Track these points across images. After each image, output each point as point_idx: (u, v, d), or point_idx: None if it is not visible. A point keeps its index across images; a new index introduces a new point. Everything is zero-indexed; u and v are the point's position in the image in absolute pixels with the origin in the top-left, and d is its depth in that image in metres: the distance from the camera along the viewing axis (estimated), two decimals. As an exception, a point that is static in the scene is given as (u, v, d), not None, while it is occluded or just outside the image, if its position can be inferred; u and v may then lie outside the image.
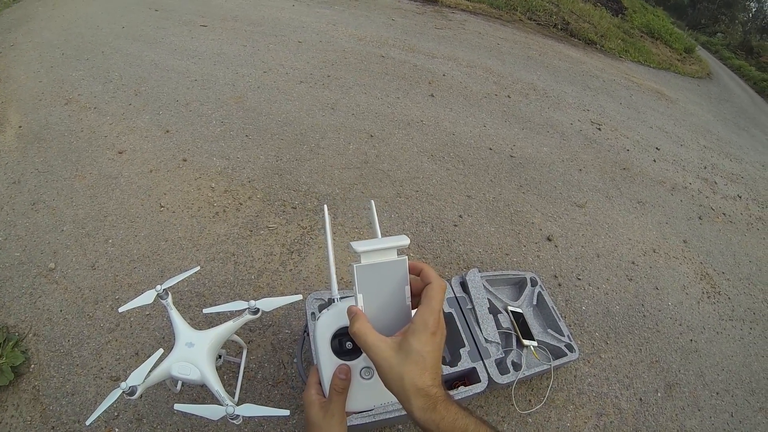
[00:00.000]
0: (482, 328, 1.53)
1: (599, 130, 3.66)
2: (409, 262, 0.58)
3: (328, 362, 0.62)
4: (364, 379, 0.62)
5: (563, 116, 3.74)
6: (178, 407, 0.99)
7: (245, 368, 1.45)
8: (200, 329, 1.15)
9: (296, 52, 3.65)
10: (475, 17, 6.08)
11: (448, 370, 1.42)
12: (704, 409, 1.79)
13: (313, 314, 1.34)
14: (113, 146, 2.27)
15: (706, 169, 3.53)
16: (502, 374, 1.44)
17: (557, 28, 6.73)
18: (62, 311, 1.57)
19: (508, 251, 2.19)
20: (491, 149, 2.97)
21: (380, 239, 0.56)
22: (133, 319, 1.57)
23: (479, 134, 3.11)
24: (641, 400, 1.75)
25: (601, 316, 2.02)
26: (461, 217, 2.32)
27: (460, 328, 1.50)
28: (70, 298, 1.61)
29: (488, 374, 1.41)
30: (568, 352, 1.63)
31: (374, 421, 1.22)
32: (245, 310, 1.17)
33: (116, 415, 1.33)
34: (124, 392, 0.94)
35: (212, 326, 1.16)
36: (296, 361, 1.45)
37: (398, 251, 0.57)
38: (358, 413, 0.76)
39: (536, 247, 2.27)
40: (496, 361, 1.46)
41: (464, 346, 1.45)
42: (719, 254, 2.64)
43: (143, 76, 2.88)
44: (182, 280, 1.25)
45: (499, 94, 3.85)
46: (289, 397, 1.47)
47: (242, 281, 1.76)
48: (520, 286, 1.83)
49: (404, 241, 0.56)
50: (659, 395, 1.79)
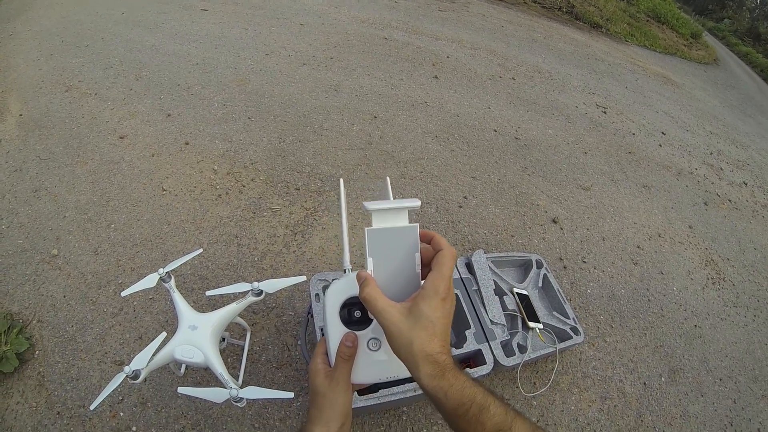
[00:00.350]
0: (488, 309, 1.50)
1: (605, 113, 3.61)
2: (420, 230, 0.57)
3: (336, 331, 0.61)
4: (371, 350, 0.61)
5: (568, 99, 3.69)
6: (181, 390, 0.98)
7: (249, 351, 1.44)
8: (203, 312, 1.12)
9: (298, 34, 3.58)
10: (478, -1, 5.98)
11: (453, 351, 1.39)
12: (707, 395, 1.77)
13: (317, 295, 1.32)
14: (114, 131, 2.24)
15: (712, 155, 3.49)
16: (507, 356, 1.42)
17: (562, 11, 6.61)
18: (66, 297, 1.55)
19: (513, 233, 2.16)
20: (496, 131, 2.93)
21: (392, 200, 0.56)
22: (136, 303, 1.55)
23: (484, 116, 3.07)
24: (645, 384, 1.74)
25: (606, 299, 2.00)
26: (466, 198, 2.29)
27: (465, 309, 1.47)
28: (73, 283, 1.59)
29: (494, 356, 1.39)
30: (573, 335, 1.60)
31: (379, 403, 1.20)
32: (248, 292, 1.16)
33: (121, 399, 1.32)
34: (127, 376, 0.94)
35: (215, 309, 1.14)
36: (300, 343, 1.42)
37: (410, 218, 0.57)
38: (363, 387, 0.74)
39: (541, 229, 2.24)
40: (501, 343, 1.44)
41: (470, 327, 1.43)
42: (724, 240, 2.61)
43: (144, 61, 2.83)
44: (185, 263, 1.23)
45: (503, 76, 3.80)
46: (293, 379, 1.45)
47: (245, 263, 1.74)
48: (525, 268, 1.80)
49: (415, 202, 0.56)
50: (663, 380, 1.77)
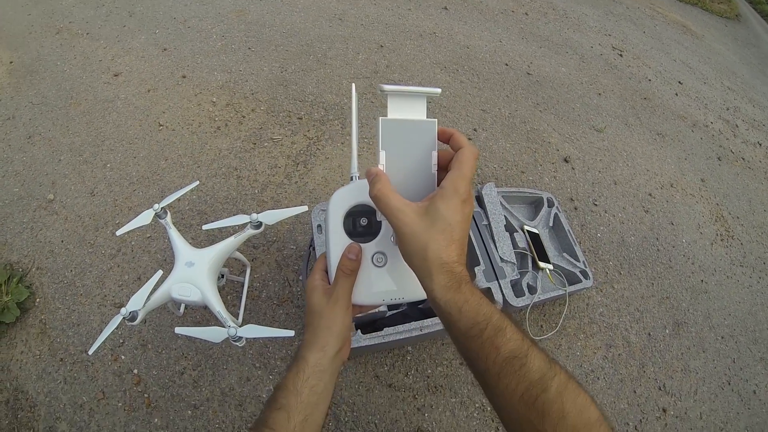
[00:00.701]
0: (498, 246, 1.36)
1: (621, 56, 3.38)
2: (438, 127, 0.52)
3: (338, 242, 0.56)
4: (376, 266, 0.55)
5: (583, 38, 3.45)
6: (178, 330, 0.95)
7: (249, 287, 1.39)
8: (202, 248, 1.07)
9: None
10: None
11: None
12: (708, 351, 1.71)
13: (319, 227, 1.21)
14: (108, 69, 2.11)
15: (728, 110, 3.32)
16: (517, 296, 1.30)
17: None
18: (63, 242, 1.50)
19: (524, 169, 2.02)
20: (507, 65, 2.71)
21: (412, 86, 0.50)
22: (134, 243, 1.50)
23: (495, 49, 2.84)
24: (650, 335, 1.66)
25: (616, 245, 1.89)
26: (476, 131, 2.13)
27: (475, 244, 1.33)
28: (70, 227, 1.54)
29: (503, 295, 1.27)
30: (582, 278, 1.50)
31: (383, 342, 1.07)
32: (247, 224, 1.09)
33: (122, 342, 1.30)
34: (124, 318, 0.91)
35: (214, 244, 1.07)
36: (302, 278, 1.35)
37: (427, 113, 0.51)
38: (365, 310, 0.64)
39: (553, 167, 2.11)
40: (511, 282, 1.32)
41: (479, 264, 1.29)
42: (735, 198, 2.50)
43: None
44: (182, 197, 1.17)
45: (516, 11, 3.52)
46: (294, 316, 1.39)
47: (245, 196, 1.66)
48: (536, 205, 1.66)
49: (436, 89, 0.51)
50: (667, 332, 1.70)
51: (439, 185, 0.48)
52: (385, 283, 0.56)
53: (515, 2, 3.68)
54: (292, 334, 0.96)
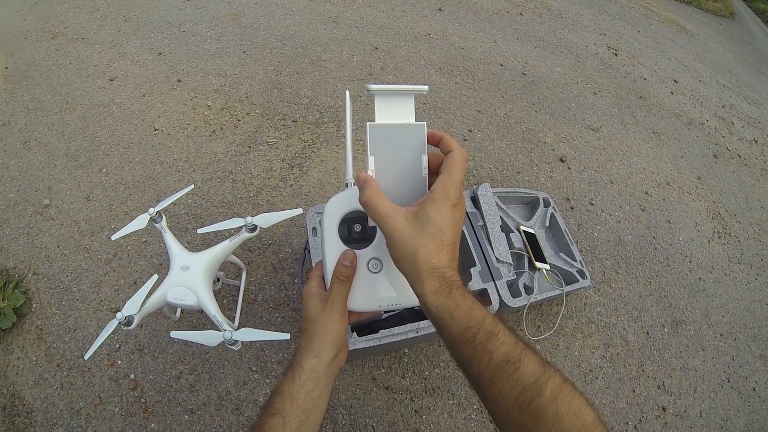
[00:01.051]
0: (494, 247, 1.36)
1: (616, 55, 3.39)
2: (427, 130, 0.51)
3: (333, 249, 0.55)
4: (372, 272, 0.55)
5: (578, 38, 3.45)
6: (174, 334, 0.96)
7: (245, 291, 1.39)
8: (197, 252, 1.08)
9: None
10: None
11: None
12: (707, 349, 1.71)
13: (314, 229, 1.21)
14: (104, 74, 2.11)
15: (724, 108, 3.32)
16: (513, 297, 1.29)
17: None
18: (59, 247, 1.51)
19: (519, 169, 2.02)
20: (502, 65, 2.71)
21: (398, 84, 0.51)
22: (129, 247, 1.50)
23: (490, 50, 2.84)
24: (648, 334, 1.66)
25: (613, 244, 1.88)
26: (471, 131, 2.13)
27: (471, 245, 1.33)
28: (66, 232, 1.54)
29: (500, 296, 1.26)
30: (580, 278, 1.49)
31: (379, 344, 1.07)
32: (242, 227, 1.09)
33: (118, 347, 1.30)
34: (120, 323, 0.91)
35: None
36: (297, 281, 1.35)
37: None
38: (362, 316, 0.63)
39: (549, 167, 2.10)
40: (507, 282, 1.31)
41: (475, 265, 1.29)
42: (732, 195, 2.50)
43: (131, 0, 2.60)
44: (177, 201, 1.17)
45: (511, 11, 3.52)
46: (290, 319, 1.39)
47: (241, 199, 1.66)
48: (532, 205, 1.66)
49: (423, 87, 0.51)
50: (666, 331, 1.70)
51: (429, 189, 0.48)
52: (381, 289, 0.55)
53: (510, 3, 3.67)
54: (287, 337, 0.96)
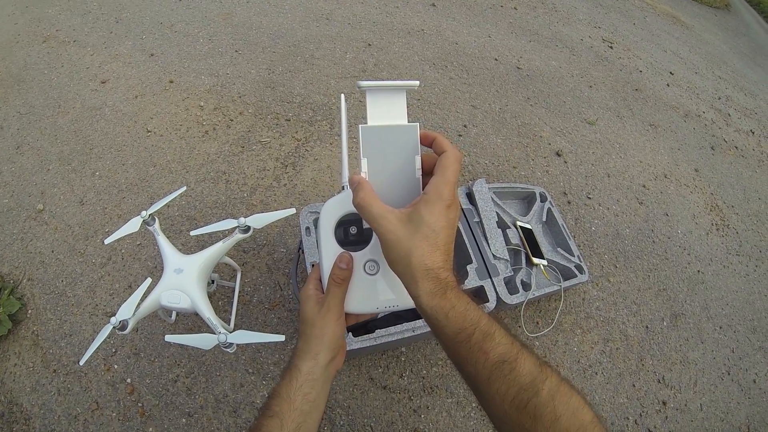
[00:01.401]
0: (490, 243, 1.35)
1: (611, 48, 3.38)
2: (420, 131, 0.51)
3: (330, 252, 0.55)
4: (368, 274, 0.55)
5: (573, 32, 3.44)
6: (168, 338, 0.95)
7: (240, 292, 1.38)
8: (191, 254, 1.07)
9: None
10: None
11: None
12: (707, 342, 1.71)
13: (307, 229, 1.20)
14: (96, 77, 2.10)
15: (720, 100, 3.32)
16: (511, 294, 1.29)
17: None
18: (54, 252, 1.50)
19: (515, 164, 2.01)
20: (497, 60, 2.70)
21: (389, 81, 0.50)
22: (124, 251, 1.49)
23: (484, 44, 2.83)
24: (647, 328, 1.65)
25: (611, 238, 1.88)
26: (466, 127, 2.12)
27: (467, 242, 1.32)
28: (60, 237, 1.53)
29: (497, 293, 1.26)
30: (578, 273, 1.48)
31: (375, 344, 1.06)
32: (235, 228, 1.08)
33: (114, 351, 1.29)
34: (114, 327, 0.90)
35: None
36: (291, 281, 1.34)
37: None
38: (359, 318, 0.63)
39: (545, 161, 2.10)
40: (504, 279, 1.30)
41: (471, 262, 1.28)
42: (730, 187, 2.49)
43: (123, 2, 2.58)
44: (170, 203, 1.16)
45: (505, 5, 3.50)
46: (286, 320, 1.38)
47: (234, 200, 1.66)
48: (528, 200, 1.65)
49: (414, 82, 0.51)
50: (665, 324, 1.69)
51: (423, 190, 0.48)
52: (377, 291, 0.55)
53: (504, -3, 3.66)
54: (282, 338, 0.96)
